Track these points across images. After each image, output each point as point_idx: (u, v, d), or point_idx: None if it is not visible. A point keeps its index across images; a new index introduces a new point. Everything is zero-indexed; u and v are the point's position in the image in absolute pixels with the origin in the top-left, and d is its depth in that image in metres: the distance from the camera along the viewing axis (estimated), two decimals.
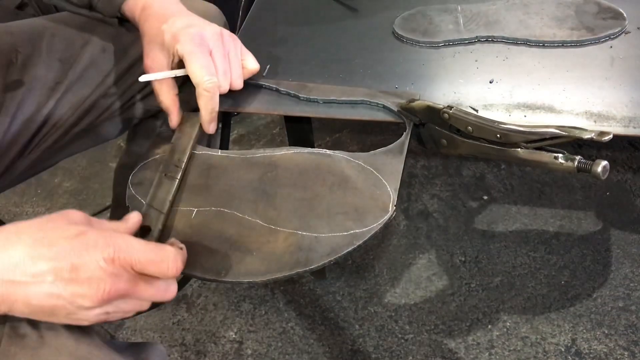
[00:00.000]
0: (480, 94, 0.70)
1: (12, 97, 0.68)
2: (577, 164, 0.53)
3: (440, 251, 1.17)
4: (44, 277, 0.42)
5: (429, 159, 1.37)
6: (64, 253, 0.42)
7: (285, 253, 0.53)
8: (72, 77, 0.73)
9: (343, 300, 1.11)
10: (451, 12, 0.82)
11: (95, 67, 0.74)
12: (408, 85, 0.72)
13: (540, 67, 0.72)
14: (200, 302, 1.14)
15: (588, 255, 1.13)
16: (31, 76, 0.70)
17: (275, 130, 1.53)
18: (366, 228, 0.54)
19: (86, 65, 0.73)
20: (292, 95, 0.72)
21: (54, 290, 0.42)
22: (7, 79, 0.69)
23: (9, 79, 0.69)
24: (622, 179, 1.27)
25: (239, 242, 0.55)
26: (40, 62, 0.71)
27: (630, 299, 1.05)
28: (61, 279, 0.42)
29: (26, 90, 0.69)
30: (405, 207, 1.27)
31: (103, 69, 0.75)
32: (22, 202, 1.42)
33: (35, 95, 0.70)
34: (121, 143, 1.54)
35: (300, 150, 0.64)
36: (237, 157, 0.64)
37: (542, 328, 1.02)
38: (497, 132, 0.57)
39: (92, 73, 0.74)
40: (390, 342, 1.04)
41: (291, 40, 0.83)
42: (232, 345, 1.07)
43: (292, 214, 0.57)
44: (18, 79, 0.69)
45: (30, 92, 0.70)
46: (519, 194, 1.26)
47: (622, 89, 0.67)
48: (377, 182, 0.59)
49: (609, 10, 0.77)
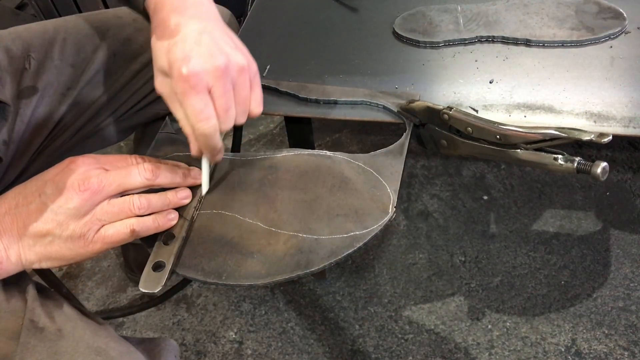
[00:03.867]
0: (480, 94, 0.70)
1: (26, 103, 0.68)
2: (577, 165, 0.53)
3: (440, 251, 1.17)
4: (34, 199, 0.49)
5: (429, 159, 1.37)
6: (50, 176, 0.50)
7: (286, 255, 0.53)
8: (83, 82, 0.73)
9: (343, 300, 1.11)
10: (451, 12, 0.82)
11: (105, 71, 0.75)
12: (408, 86, 0.72)
13: (540, 67, 0.72)
14: (200, 302, 1.14)
15: (588, 255, 1.13)
16: (44, 82, 0.70)
17: (275, 131, 1.53)
18: (366, 230, 0.54)
19: (97, 70, 0.74)
20: (292, 96, 0.72)
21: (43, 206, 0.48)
22: (21, 85, 0.69)
23: (22, 85, 0.69)
24: (622, 179, 1.27)
25: (239, 244, 0.55)
26: (52, 68, 0.71)
27: (630, 299, 1.05)
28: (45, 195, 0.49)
29: (39, 96, 0.70)
30: (405, 207, 1.27)
31: (112, 74, 0.75)
32: None
33: (48, 101, 0.71)
34: (121, 143, 1.54)
35: (300, 152, 0.64)
36: (237, 160, 0.64)
37: (542, 328, 1.03)
38: (496, 133, 0.57)
39: (102, 77, 0.74)
40: (390, 342, 1.04)
41: (291, 40, 0.83)
42: (232, 345, 1.07)
43: (293, 216, 0.57)
44: (32, 85, 0.69)
45: (43, 99, 0.70)
46: (519, 194, 1.26)
47: (622, 89, 0.67)
48: (377, 183, 0.59)
49: (609, 10, 0.77)
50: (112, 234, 0.50)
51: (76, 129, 0.75)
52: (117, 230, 0.50)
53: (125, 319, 1.13)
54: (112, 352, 0.49)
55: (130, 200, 0.51)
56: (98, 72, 0.74)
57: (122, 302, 1.16)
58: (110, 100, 0.76)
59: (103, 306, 1.16)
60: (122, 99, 0.77)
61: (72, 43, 0.73)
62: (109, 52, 0.75)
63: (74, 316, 0.51)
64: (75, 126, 0.74)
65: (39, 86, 0.69)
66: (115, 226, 0.50)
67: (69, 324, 0.49)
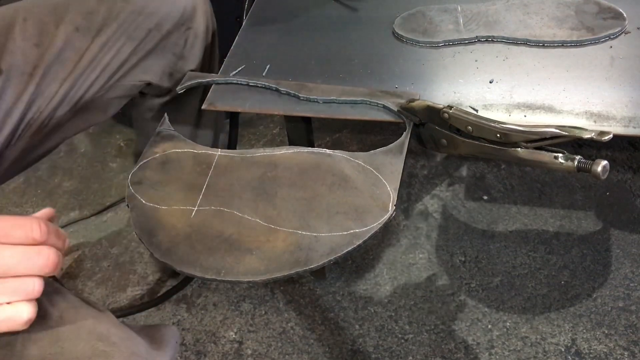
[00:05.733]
0: (480, 94, 0.70)
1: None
2: (577, 164, 0.53)
3: (440, 251, 1.17)
4: None
5: (429, 159, 1.37)
6: None
7: (285, 252, 0.53)
8: (49, 60, 0.72)
9: (343, 300, 1.11)
10: (451, 12, 0.82)
11: (70, 47, 0.74)
12: (408, 85, 0.72)
13: (540, 67, 0.72)
14: (200, 302, 1.14)
15: (588, 255, 1.13)
16: (9, 64, 0.69)
17: (275, 130, 1.53)
18: (366, 228, 0.54)
19: (61, 46, 0.73)
20: (292, 95, 0.72)
21: None
22: None
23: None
24: (622, 179, 1.27)
25: (238, 241, 0.55)
26: (16, 49, 0.70)
27: (630, 299, 1.05)
28: None
29: (5, 79, 0.69)
30: (405, 207, 1.27)
31: (78, 49, 0.74)
32: (22, 202, 1.42)
33: (15, 83, 0.70)
34: (121, 143, 1.55)
35: (300, 150, 0.64)
36: (237, 157, 0.64)
37: (542, 328, 1.02)
38: (497, 132, 0.57)
39: (68, 54, 0.74)
40: (390, 342, 1.04)
41: (291, 40, 0.83)
42: (232, 345, 1.07)
43: (292, 213, 0.57)
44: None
45: (9, 81, 0.69)
46: (519, 194, 1.26)
47: (622, 89, 0.67)
48: (377, 181, 0.59)
49: (609, 10, 0.78)
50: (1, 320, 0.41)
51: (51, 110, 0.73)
52: (8, 317, 0.41)
53: (125, 319, 1.13)
54: (114, 337, 0.49)
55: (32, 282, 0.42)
56: (63, 49, 0.73)
57: (122, 302, 1.16)
58: (80, 76, 0.75)
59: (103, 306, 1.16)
60: (93, 76, 0.76)
61: (34, 21, 0.72)
62: (72, 27, 0.74)
63: (75, 303, 0.51)
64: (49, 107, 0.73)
65: (3, 68, 0.68)
66: (7, 311, 0.41)
67: (70, 310, 0.49)
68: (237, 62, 0.79)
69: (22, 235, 0.42)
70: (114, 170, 1.47)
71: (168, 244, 0.55)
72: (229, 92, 0.75)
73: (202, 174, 0.63)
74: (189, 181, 0.62)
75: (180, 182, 0.62)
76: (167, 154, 0.66)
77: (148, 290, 1.17)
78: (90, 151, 1.54)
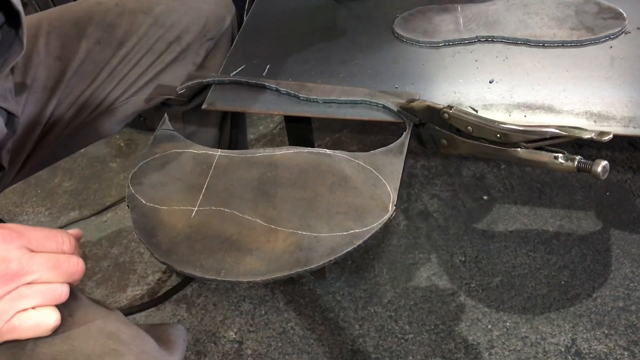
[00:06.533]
0: (480, 94, 0.70)
1: (17, 101, 0.68)
2: (577, 164, 0.53)
3: (440, 251, 1.17)
4: None
5: (429, 159, 1.37)
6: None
7: (285, 253, 0.53)
8: (70, 74, 0.73)
9: (343, 300, 1.11)
10: (451, 12, 0.82)
11: (91, 60, 0.74)
12: (408, 85, 0.72)
13: (540, 67, 0.72)
14: (200, 302, 1.14)
15: (588, 255, 1.13)
16: (32, 78, 0.70)
17: (275, 130, 1.53)
18: (366, 228, 0.54)
19: (82, 59, 0.73)
20: (292, 95, 0.72)
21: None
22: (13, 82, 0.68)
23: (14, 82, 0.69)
24: (622, 179, 1.27)
25: (238, 241, 0.55)
26: (39, 63, 0.71)
27: (630, 299, 1.05)
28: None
29: (28, 93, 0.69)
30: (405, 207, 1.27)
31: (98, 62, 0.75)
32: (22, 202, 1.42)
33: (37, 97, 0.70)
34: (121, 143, 1.55)
35: (300, 150, 0.64)
36: (237, 157, 0.64)
37: (542, 328, 1.02)
38: (497, 132, 0.57)
39: (89, 66, 0.74)
40: (390, 342, 1.04)
41: (291, 40, 0.83)
42: (232, 345, 1.07)
43: (292, 213, 0.57)
44: (21, 82, 0.69)
45: (31, 95, 0.70)
46: (519, 194, 1.26)
47: (622, 89, 0.67)
48: (377, 181, 0.59)
49: (609, 10, 0.78)
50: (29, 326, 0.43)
51: (66, 122, 0.74)
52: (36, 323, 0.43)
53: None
54: (123, 335, 0.49)
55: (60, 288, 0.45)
56: (84, 61, 0.73)
57: (122, 302, 1.16)
58: (98, 89, 0.75)
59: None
60: (111, 87, 0.76)
61: (56, 35, 0.72)
62: (94, 40, 0.74)
63: (84, 301, 0.51)
64: (65, 119, 0.74)
65: (27, 82, 0.69)
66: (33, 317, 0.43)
67: (80, 309, 0.50)
68: (237, 62, 0.79)
69: (54, 246, 0.46)
70: (114, 170, 1.47)
71: (168, 244, 0.55)
72: (229, 92, 0.75)
73: (202, 174, 0.63)
74: (189, 181, 0.62)
75: (180, 183, 0.62)
76: (167, 154, 0.66)
77: (148, 290, 1.17)
78: (90, 151, 1.54)
